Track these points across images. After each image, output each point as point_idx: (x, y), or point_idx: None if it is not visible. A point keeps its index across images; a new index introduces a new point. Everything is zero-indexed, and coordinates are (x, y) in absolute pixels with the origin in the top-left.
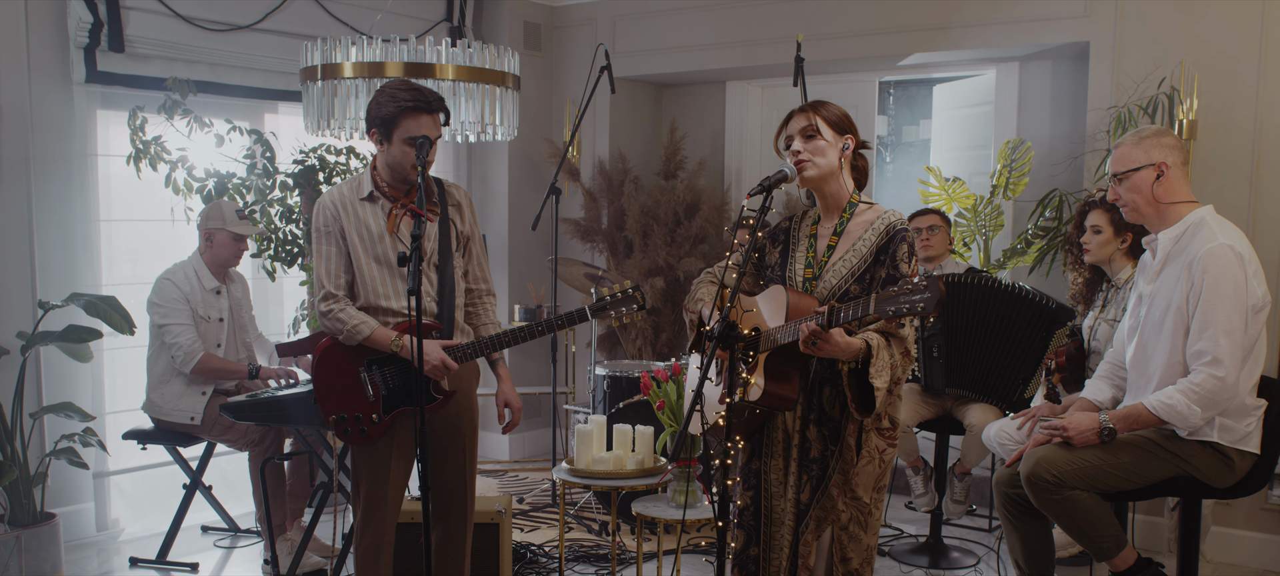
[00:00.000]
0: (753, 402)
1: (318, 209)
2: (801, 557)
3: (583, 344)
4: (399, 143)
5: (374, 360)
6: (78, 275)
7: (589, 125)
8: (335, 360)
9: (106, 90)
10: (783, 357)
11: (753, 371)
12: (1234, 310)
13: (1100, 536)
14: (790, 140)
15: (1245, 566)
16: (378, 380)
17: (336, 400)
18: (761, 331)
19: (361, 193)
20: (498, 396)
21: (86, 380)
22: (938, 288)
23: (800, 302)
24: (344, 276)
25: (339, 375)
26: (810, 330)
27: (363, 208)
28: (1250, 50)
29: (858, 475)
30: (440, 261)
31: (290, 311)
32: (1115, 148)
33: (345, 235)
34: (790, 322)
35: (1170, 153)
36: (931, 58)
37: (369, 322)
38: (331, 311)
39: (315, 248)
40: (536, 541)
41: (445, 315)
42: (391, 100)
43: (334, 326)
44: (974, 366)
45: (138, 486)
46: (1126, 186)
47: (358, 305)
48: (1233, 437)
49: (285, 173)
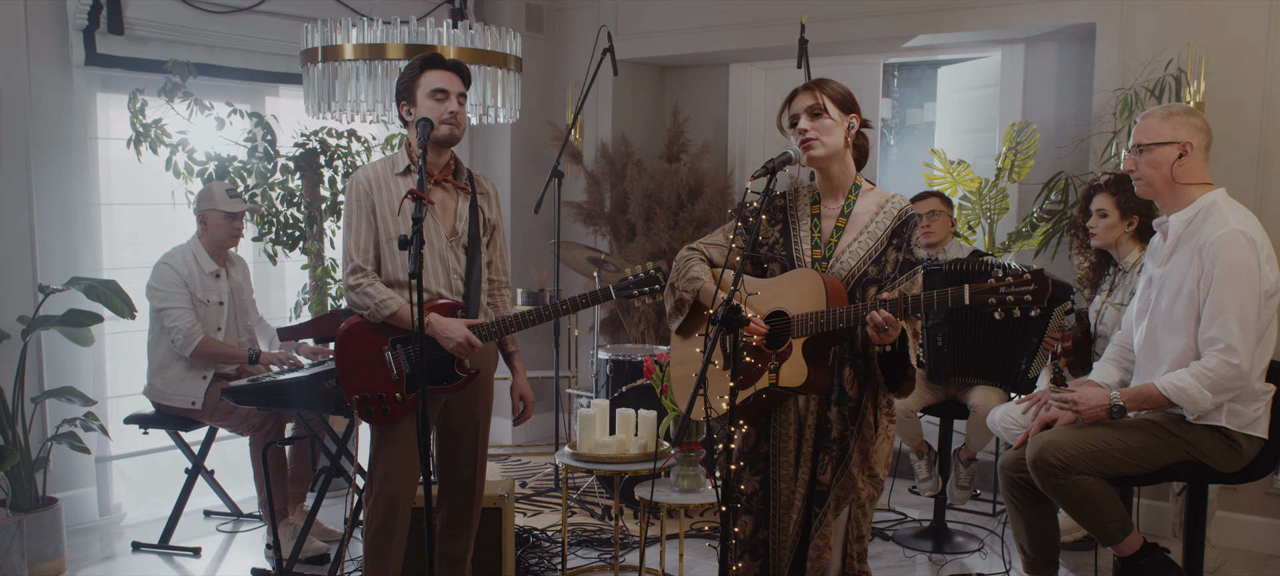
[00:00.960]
0: (794, 388)
1: (352, 182)
2: (821, 537)
3: (585, 328)
4: (423, 100)
5: (398, 339)
6: (78, 259)
7: (591, 108)
8: (360, 339)
9: (106, 73)
10: (819, 341)
11: (786, 357)
12: (1247, 296)
13: (1106, 520)
14: (795, 119)
15: (1250, 551)
16: (402, 359)
17: (360, 379)
18: (789, 315)
19: (397, 168)
20: (513, 388)
21: (88, 364)
22: (1045, 280)
23: (836, 287)
24: (372, 251)
25: (363, 354)
26: (887, 317)
27: (397, 182)
28: (1258, 31)
29: (876, 452)
30: (469, 244)
31: (292, 295)
32: (1142, 118)
33: (376, 211)
34: (838, 308)
35: (1197, 134)
36: (936, 39)
37: (396, 299)
38: (360, 286)
39: (346, 221)
40: (539, 526)
41: (472, 296)
42: (409, 68)
43: (361, 301)
44: (979, 353)
45: (140, 471)
46: (1147, 159)
47: (384, 281)
48: (1241, 422)
49: (286, 156)
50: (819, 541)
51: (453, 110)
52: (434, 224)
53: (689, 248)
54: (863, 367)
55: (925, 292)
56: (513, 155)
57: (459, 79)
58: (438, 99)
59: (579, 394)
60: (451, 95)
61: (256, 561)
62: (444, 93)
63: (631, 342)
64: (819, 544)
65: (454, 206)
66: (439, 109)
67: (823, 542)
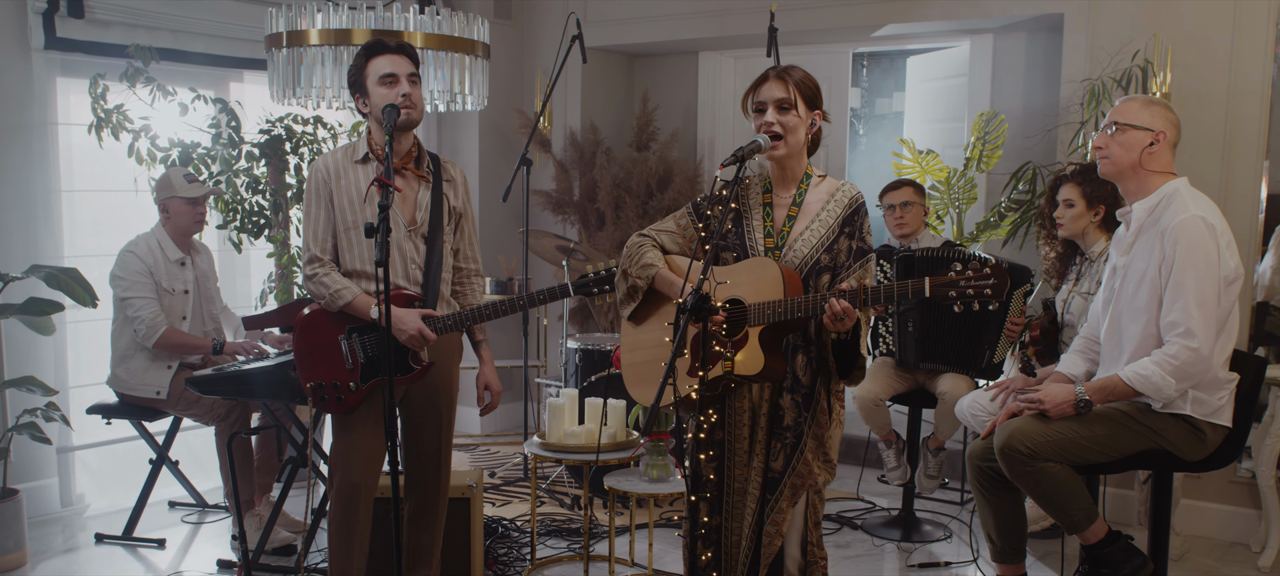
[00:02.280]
0: (749, 376)
1: (311, 171)
2: (774, 525)
3: (554, 317)
4: (374, 88)
5: (355, 328)
6: (39, 246)
7: (560, 95)
8: (316, 327)
9: (66, 57)
10: (774, 330)
11: (742, 345)
12: (1206, 281)
13: (1072, 508)
14: (762, 106)
15: (1214, 538)
16: (357, 348)
17: (315, 367)
18: (746, 303)
19: (356, 156)
20: (479, 378)
21: (49, 354)
22: (1004, 274)
23: (793, 277)
24: (330, 240)
25: (319, 342)
26: (844, 307)
27: (356, 171)
28: (1223, 23)
29: (830, 437)
30: (430, 233)
31: (257, 284)
32: (1123, 101)
33: (333, 199)
34: (794, 298)
35: (1171, 128)
36: (905, 29)
37: (351, 288)
38: (316, 276)
39: (305, 210)
40: (508, 515)
41: (430, 286)
42: (355, 60)
43: (317, 290)
44: (946, 337)
45: (102, 461)
46: (1120, 139)
47: (342, 271)
48: (1205, 411)
49: (251, 143)
50: (770, 528)
51: (405, 93)
52: (392, 213)
53: (640, 234)
54: (816, 355)
55: (886, 284)
56: (481, 143)
57: (406, 60)
58: (388, 84)
59: (548, 383)
60: (401, 78)
61: (222, 552)
62: (393, 77)
63: (600, 332)
64: (770, 531)
65: (414, 195)
66: (391, 94)
67: (774, 529)
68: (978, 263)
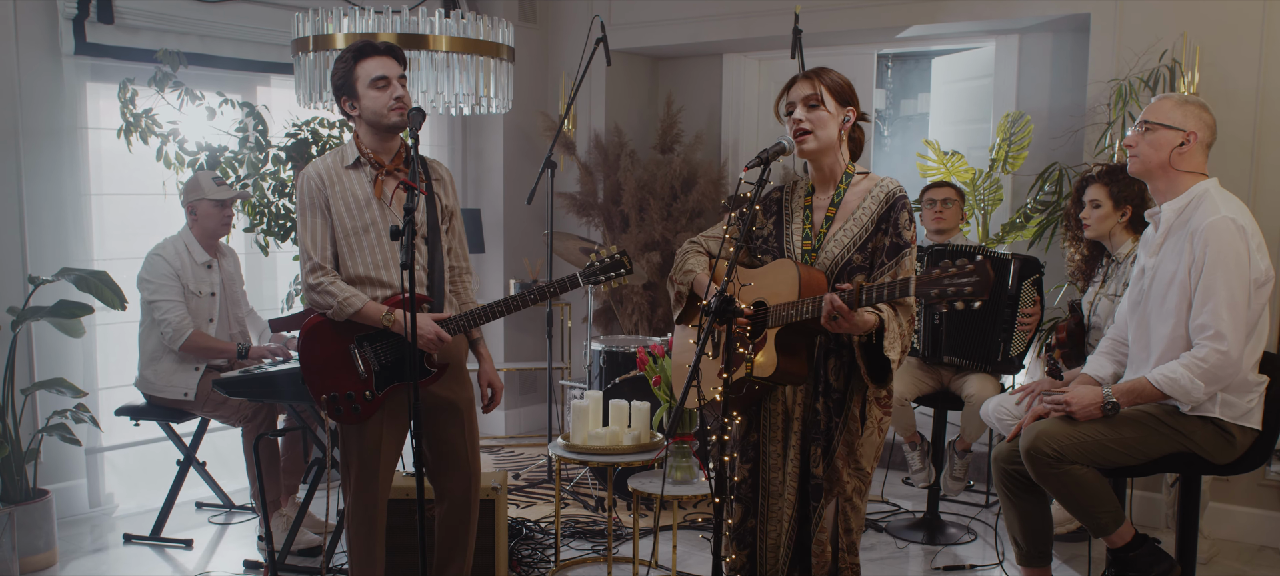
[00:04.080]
0: (765, 378)
1: (302, 180)
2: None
3: (578, 319)
4: (364, 90)
5: (364, 336)
6: (69, 250)
7: (585, 98)
8: (324, 337)
9: (96, 62)
10: (793, 332)
11: (761, 347)
12: (1236, 283)
13: (1099, 512)
14: (792, 107)
15: (1242, 542)
16: (369, 356)
17: (326, 378)
18: (768, 305)
19: (346, 161)
20: (480, 376)
21: (78, 356)
22: (986, 271)
23: (812, 277)
24: (330, 248)
25: (328, 353)
26: (835, 305)
27: (348, 176)
28: (1252, 22)
29: (862, 445)
30: (430, 235)
31: (283, 286)
32: (1157, 99)
33: (330, 206)
34: (806, 298)
35: (1204, 129)
36: (930, 30)
37: (359, 296)
38: (320, 285)
39: (300, 220)
40: (532, 517)
41: (436, 289)
42: (339, 62)
43: (322, 300)
44: (964, 331)
45: (131, 463)
46: (1151, 138)
47: (346, 278)
48: (1234, 413)
49: (278, 146)
50: (820, 534)
51: (398, 95)
52: (390, 217)
53: (690, 241)
54: (847, 359)
55: (877, 284)
56: (505, 146)
57: (396, 62)
58: (380, 87)
59: (572, 385)
60: (392, 80)
61: (248, 553)
62: (385, 79)
63: (625, 333)
64: (821, 539)
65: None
66: (383, 97)
67: (824, 535)
68: (964, 259)
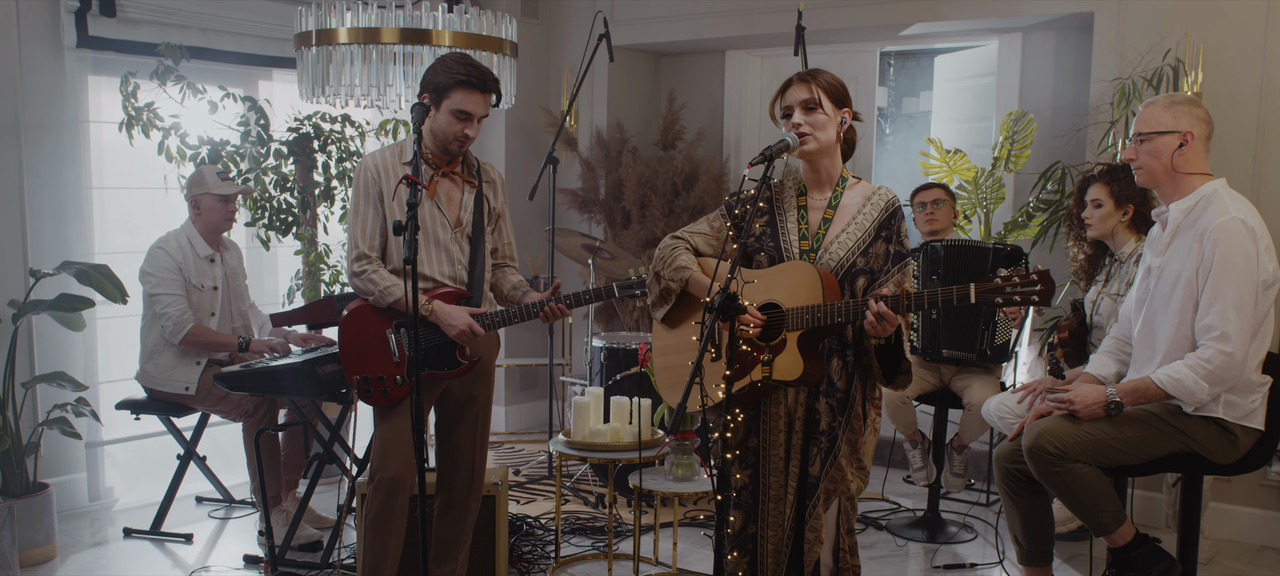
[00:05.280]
0: (790, 382)
1: (360, 169)
2: (812, 531)
3: (579, 315)
4: (447, 112)
5: (403, 322)
6: (70, 243)
7: (587, 94)
8: (364, 321)
9: (98, 55)
10: (813, 334)
11: (780, 350)
12: (1244, 285)
13: (1100, 511)
14: (790, 110)
15: (1243, 542)
16: (406, 342)
17: (362, 361)
18: (783, 307)
19: (404, 157)
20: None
21: (79, 349)
22: (1051, 281)
23: (830, 280)
24: (378, 238)
25: (367, 336)
26: (884, 310)
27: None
28: (1256, 21)
29: (864, 443)
30: (473, 233)
31: (285, 281)
32: (1144, 107)
33: (383, 199)
34: (835, 301)
35: (1198, 124)
36: (933, 28)
37: (399, 286)
38: (365, 272)
39: (353, 207)
40: (533, 513)
41: (475, 284)
42: (447, 71)
43: (365, 287)
44: (960, 323)
45: (131, 456)
46: (1147, 149)
47: (389, 269)
48: (1237, 414)
49: (280, 141)
50: (809, 534)
51: (468, 133)
52: (439, 215)
53: (673, 237)
54: (852, 359)
55: (929, 290)
56: (507, 141)
57: (486, 101)
58: (459, 119)
59: (573, 381)
60: (474, 120)
61: (249, 548)
62: (468, 116)
63: (625, 330)
64: (809, 537)
65: (459, 198)
66: (457, 127)
67: (814, 535)
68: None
